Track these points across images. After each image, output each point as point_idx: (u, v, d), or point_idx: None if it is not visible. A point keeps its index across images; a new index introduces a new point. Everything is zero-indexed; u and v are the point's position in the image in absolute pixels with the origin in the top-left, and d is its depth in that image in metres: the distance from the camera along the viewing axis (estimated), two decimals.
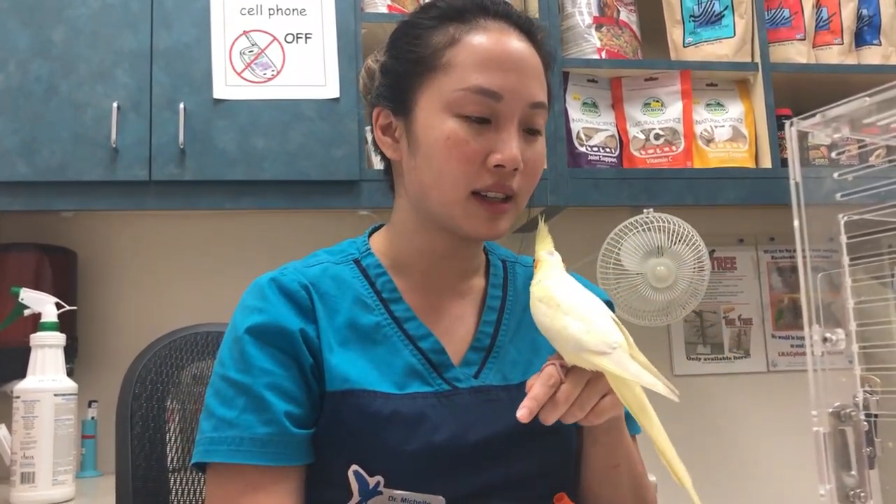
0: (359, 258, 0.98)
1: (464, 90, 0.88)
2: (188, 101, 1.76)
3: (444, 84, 0.90)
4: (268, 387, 0.86)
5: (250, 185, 1.78)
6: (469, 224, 0.90)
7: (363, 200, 1.81)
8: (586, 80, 2.05)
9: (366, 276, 0.96)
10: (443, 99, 0.89)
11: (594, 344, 0.77)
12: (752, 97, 2.07)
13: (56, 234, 2.04)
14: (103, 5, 1.78)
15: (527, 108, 0.90)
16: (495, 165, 0.87)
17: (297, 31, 1.84)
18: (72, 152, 1.72)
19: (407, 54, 0.94)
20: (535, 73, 0.91)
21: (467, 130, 0.88)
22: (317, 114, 1.81)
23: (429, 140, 0.90)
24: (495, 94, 0.88)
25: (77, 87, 1.74)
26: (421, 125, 0.91)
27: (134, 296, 2.08)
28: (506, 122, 0.89)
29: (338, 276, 0.95)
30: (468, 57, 0.89)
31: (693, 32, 2.13)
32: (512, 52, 0.90)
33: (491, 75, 0.88)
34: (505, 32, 0.91)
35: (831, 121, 0.50)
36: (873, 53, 2.18)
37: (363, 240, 1.02)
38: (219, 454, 0.84)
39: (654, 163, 2.00)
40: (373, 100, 0.99)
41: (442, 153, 0.89)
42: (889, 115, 0.47)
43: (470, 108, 0.88)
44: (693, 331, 2.29)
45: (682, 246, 1.87)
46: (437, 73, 0.90)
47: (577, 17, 2.05)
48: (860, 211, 0.50)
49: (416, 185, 0.93)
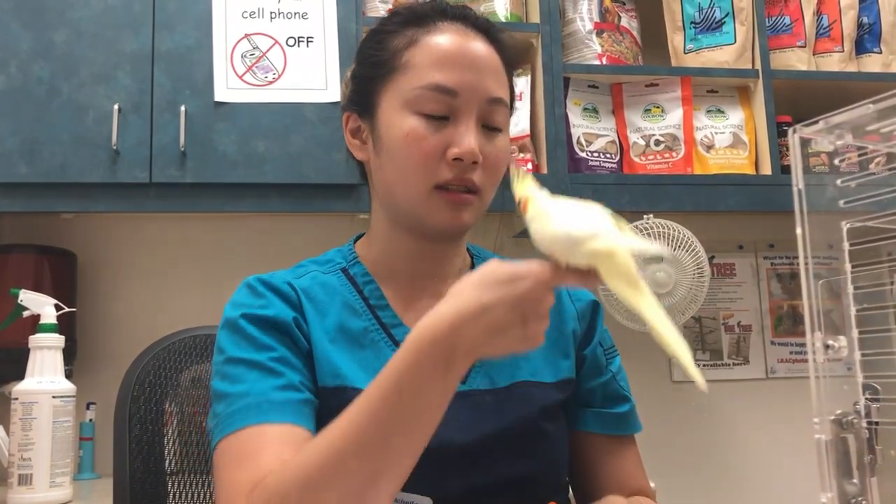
0: (346, 267, 1.00)
1: (421, 88, 0.91)
2: (189, 103, 1.76)
3: (403, 83, 0.93)
4: (276, 360, 0.86)
5: (251, 188, 1.78)
6: (432, 217, 0.91)
7: (363, 204, 1.81)
8: (587, 85, 2.05)
9: (353, 284, 0.97)
10: (402, 98, 0.92)
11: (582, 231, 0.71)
12: (753, 104, 2.08)
13: (56, 236, 2.04)
14: (105, 7, 1.78)
15: (484, 104, 0.92)
16: (454, 159, 0.90)
17: (298, 35, 1.84)
18: (72, 154, 1.72)
19: (370, 58, 0.97)
20: (491, 71, 0.94)
21: (426, 127, 0.90)
22: (318, 117, 1.81)
23: (390, 138, 0.93)
24: (451, 91, 0.91)
25: (78, 89, 1.74)
26: (383, 124, 0.94)
27: (134, 298, 2.08)
28: (463, 117, 0.91)
29: (326, 283, 0.97)
30: (425, 56, 0.93)
31: (694, 39, 2.13)
32: (468, 50, 0.93)
33: (447, 73, 0.91)
34: (461, 33, 0.95)
35: (834, 128, 0.50)
36: (874, 61, 2.19)
37: (349, 248, 1.03)
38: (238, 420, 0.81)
39: (654, 169, 2.01)
40: (343, 106, 1.03)
41: (403, 149, 0.91)
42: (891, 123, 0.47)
43: (428, 105, 0.91)
44: (692, 337, 2.29)
45: (681, 252, 1.88)
46: (396, 73, 0.94)
47: (578, 23, 2.05)
48: (863, 218, 0.50)
49: (383, 184, 0.96)
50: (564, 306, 1.03)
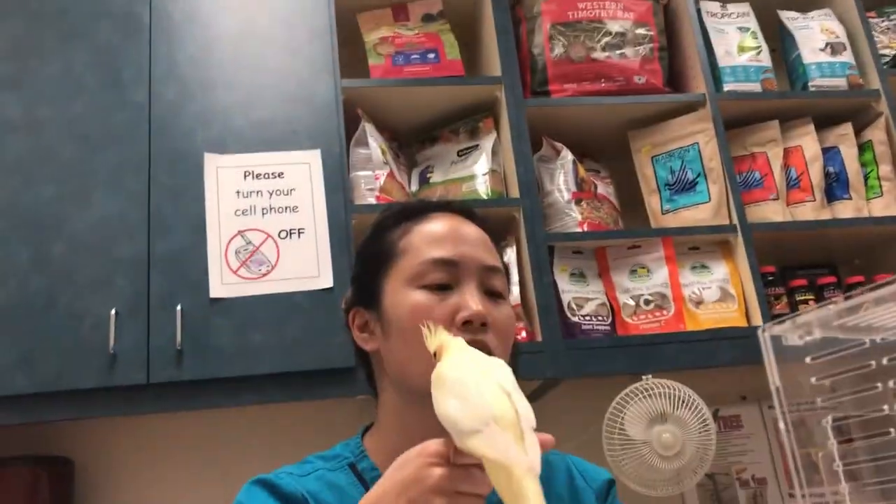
0: (354, 462, 0.98)
1: (421, 264, 0.96)
2: (185, 302, 1.79)
3: (403, 265, 0.97)
4: None
5: (248, 381, 1.78)
6: None
7: (360, 387, 1.80)
8: (571, 252, 2.11)
9: (362, 483, 0.95)
10: (404, 277, 0.96)
11: (466, 422, 0.66)
12: (736, 257, 2.13)
13: (53, 443, 2.02)
14: (101, 217, 1.84)
15: (483, 272, 0.97)
16: (463, 323, 0.92)
17: (290, 227, 1.90)
18: (69, 361, 1.73)
19: (369, 254, 1.03)
20: (482, 244, 1.01)
21: (431, 298, 0.94)
22: (312, 304, 1.84)
23: (398, 316, 0.95)
24: (451, 262, 0.96)
25: (75, 298, 1.77)
26: (389, 306, 0.97)
27: (134, 501, 2.02)
28: (465, 283, 0.95)
29: (333, 483, 0.95)
30: (421, 239, 0.99)
31: (670, 200, 2.21)
32: (458, 228, 1.00)
33: (444, 248, 0.97)
34: (449, 217, 1.02)
35: (801, 325, 0.53)
36: (846, 207, 2.26)
37: (356, 442, 1.02)
38: None
39: (647, 328, 2.03)
40: (347, 308, 1.06)
41: (411, 324, 0.93)
42: (854, 318, 0.50)
43: (430, 277, 0.95)
44: (708, 496, 2.23)
45: (684, 410, 1.86)
46: (396, 259, 0.99)
47: (556, 195, 2.13)
48: (843, 415, 0.51)
49: (395, 366, 0.97)
50: (579, 488, 1.02)
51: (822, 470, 0.71)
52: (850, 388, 0.45)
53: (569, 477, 1.02)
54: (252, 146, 1.96)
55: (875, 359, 0.44)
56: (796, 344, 0.53)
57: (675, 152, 2.22)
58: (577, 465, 1.05)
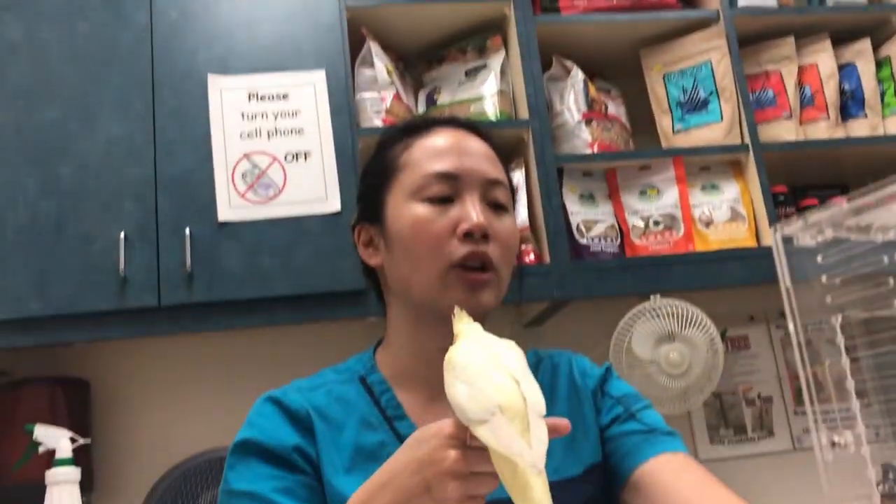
0: (364, 375, 1.00)
1: (423, 177, 0.95)
2: (193, 225, 1.79)
3: (405, 180, 0.97)
4: (276, 490, 0.86)
5: (259, 303, 1.79)
6: (449, 298, 0.91)
7: (370, 309, 1.82)
8: (581, 173, 2.09)
9: (370, 394, 0.97)
10: (406, 191, 0.96)
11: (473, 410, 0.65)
12: (747, 177, 2.11)
13: (69, 365, 2.05)
14: (108, 139, 1.84)
15: (485, 185, 0.97)
16: (464, 235, 0.92)
17: (296, 150, 1.89)
18: (81, 284, 1.74)
19: (372, 171, 1.03)
20: (486, 157, 0.99)
21: (432, 211, 0.94)
22: (320, 228, 1.84)
23: (399, 230, 0.96)
24: (452, 175, 0.95)
25: (84, 220, 1.78)
26: (391, 221, 0.97)
27: (149, 422, 2.07)
28: (466, 195, 0.95)
29: (342, 396, 0.97)
30: (423, 153, 0.98)
31: (682, 119, 2.18)
32: (461, 141, 0.99)
33: (445, 161, 0.96)
34: (451, 132, 1.01)
35: (813, 225, 0.52)
36: (861, 125, 2.22)
37: (369, 355, 1.03)
38: None
39: (655, 249, 2.02)
40: (353, 225, 1.07)
41: (412, 237, 0.94)
42: (865, 218, 0.49)
43: (431, 190, 0.95)
44: (714, 414, 2.26)
45: (692, 330, 1.87)
46: (397, 174, 0.99)
47: (566, 115, 2.10)
48: (851, 306, 0.51)
49: (399, 279, 0.97)
50: (579, 387, 1.03)
51: (830, 387, 0.71)
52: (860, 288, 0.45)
53: (570, 377, 1.04)
54: (256, 67, 1.93)
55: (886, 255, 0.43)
56: (808, 245, 0.52)
57: (687, 70, 2.18)
58: (577, 365, 1.06)
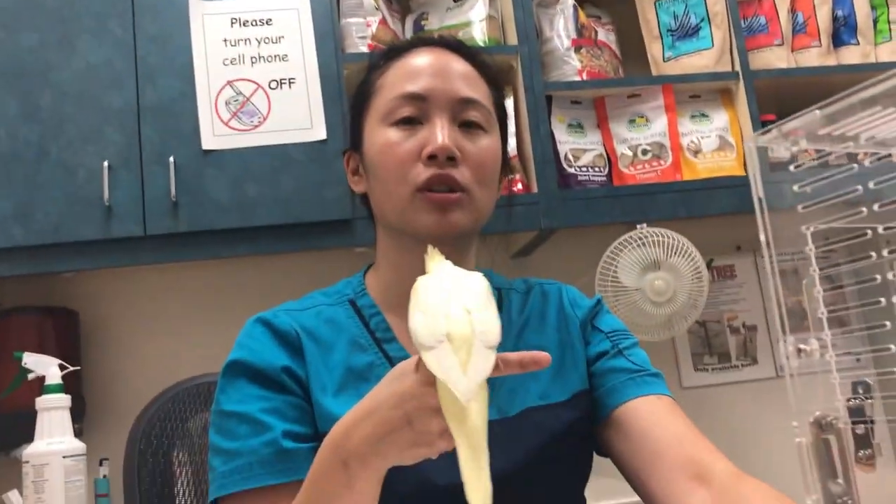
0: (354, 298, 1.00)
1: (392, 99, 0.94)
2: (177, 154, 1.78)
3: (378, 104, 0.96)
4: (264, 411, 0.87)
5: (245, 232, 1.79)
6: (419, 221, 0.91)
7: (357, 238, 1.82)
8: (570, 102, 2.07)
9: (360, 317, 0.97)
10: (378, 115, 0.95)
11: (424, 336, 0.65)
12: (736, 105, 2.09)
13: (57, 295, 2.06)
14: (87, 66, 1.80)
15: (456, 105, 0.94)
16: (429, 157, 0.90)
17: (280, 77, 1.86)
18: (66, 213, 1.73)
19: (355, 96, 1.02)
20: (461, 76, 0.96)
21: (399, 134, 0.93)
22: (306, 156, 1.82)
23: (372, 156, 0.95)
24: (420, 96, 0.93)
25: (67, 149, 1.76)
26: (367, 146, 0.97)
27: (138, 350, 2.09)
28: (434, 117, 0.93)
29: (332, 318, 0.97)
30: (395, 75, 0.96)
31: (672, 47, 2.15)
32: (434, 61, 0.96)
33: (415, 82, 0.94)
34: (432, 52, 0.98)
35: (788, 134, 0.52)
36: (852, 53, 2.20)
37: (359, 279, 1.03)
38: (232, 484, 0.85)
39: (643, 178, 2.02)
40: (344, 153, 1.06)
41: (381, 163, 0.94)
42: (840, 126, 0.49)
43: (399, 112, 0.93)
44: (698, 342, 2.29)
45: (678, 258, 1.88)
46: (373, 98, 0.97)
47: (555, 41, 2.07)
48: (823, 221, 0.51)
49: (376, 204, 0.98)
50: (568, 316, 1.03)
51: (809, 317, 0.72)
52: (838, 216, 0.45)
53: (560, 305, 1.04)
54: None
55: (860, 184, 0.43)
56: (782, 157, 0.52)
57: None
58: (568, 294, 1.06)
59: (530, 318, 1.02)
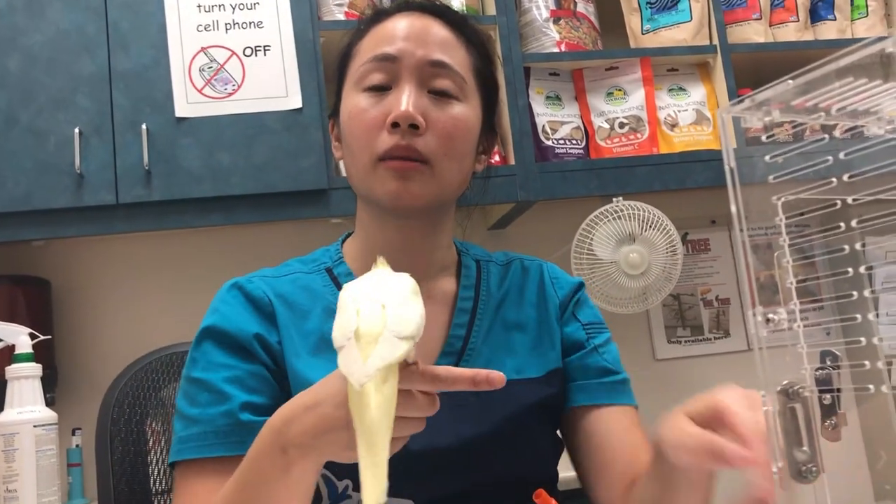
0: (331, 266, 0.99)
1: (364, 63, 0.92)
2: (150, 121, 1.75)
3: (352, 69, 0.95)
4: (227, 380, 0.87)
5: (218, 201, 1.77)
6: (379, 190, 0.89)
7: (332, 209, 1.81)
8: (548, 73, 2.06)
9: (337, 285, 0.96)
10: (352, 81, 0.94)
11: (336, 338, 0.63)
12: (714, 79, 2.09)
13: (28, 264, 2.03)
14: (58, 31, 1.77)
15: (426, 68, 0.91)
16: (392, 125, 0.87)
17: (255, 44, 1.84)
18: (36, 181, 1.71)
19: (337, 63, 1.00)
20: (435, 40, 0.93)
21: (368, 100, 0.91)
22: (281, 125, 1.80)
23: (344, 123, 0.94)
24: (389, 57, 0.90)
25: (37, 115, 1.73)
26: (342, 113, 0.95)
27: (110, 319, 2.07)
28: (401, 81, 0.90)
29: (308, 285, 0.96)
30: (370, 40, 0.94)
31: (651, 19, 2.14)
32: (408, 24, 0.93)
33: (386, 45, 0.91)
34: (411, 17, 0.95)
35: (761, 104, 0.51)
36: (829, 28, 2.21)
37: (336, 248, 1.02)
38: (188, 451, 0.85)
39: (620, 151, 2.02)
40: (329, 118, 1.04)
41: (350, 129, 0.92)
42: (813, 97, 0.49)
43: (369, 78, 0.91)
44: (672, 314, 2.31)
45: (653, 232, 1.89)
46: (349, 63, 0.96)
47: (534, 12, 2.06)
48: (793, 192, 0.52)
49: (347, 173, 0.97)
50: (548, 295, 1.03)
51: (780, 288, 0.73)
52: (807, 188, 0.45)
53: (540, 283, 1.04)
54: None
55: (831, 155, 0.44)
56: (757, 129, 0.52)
57: None
58: (550, 272, 1.06)
59: (509, 291, 1.02)
